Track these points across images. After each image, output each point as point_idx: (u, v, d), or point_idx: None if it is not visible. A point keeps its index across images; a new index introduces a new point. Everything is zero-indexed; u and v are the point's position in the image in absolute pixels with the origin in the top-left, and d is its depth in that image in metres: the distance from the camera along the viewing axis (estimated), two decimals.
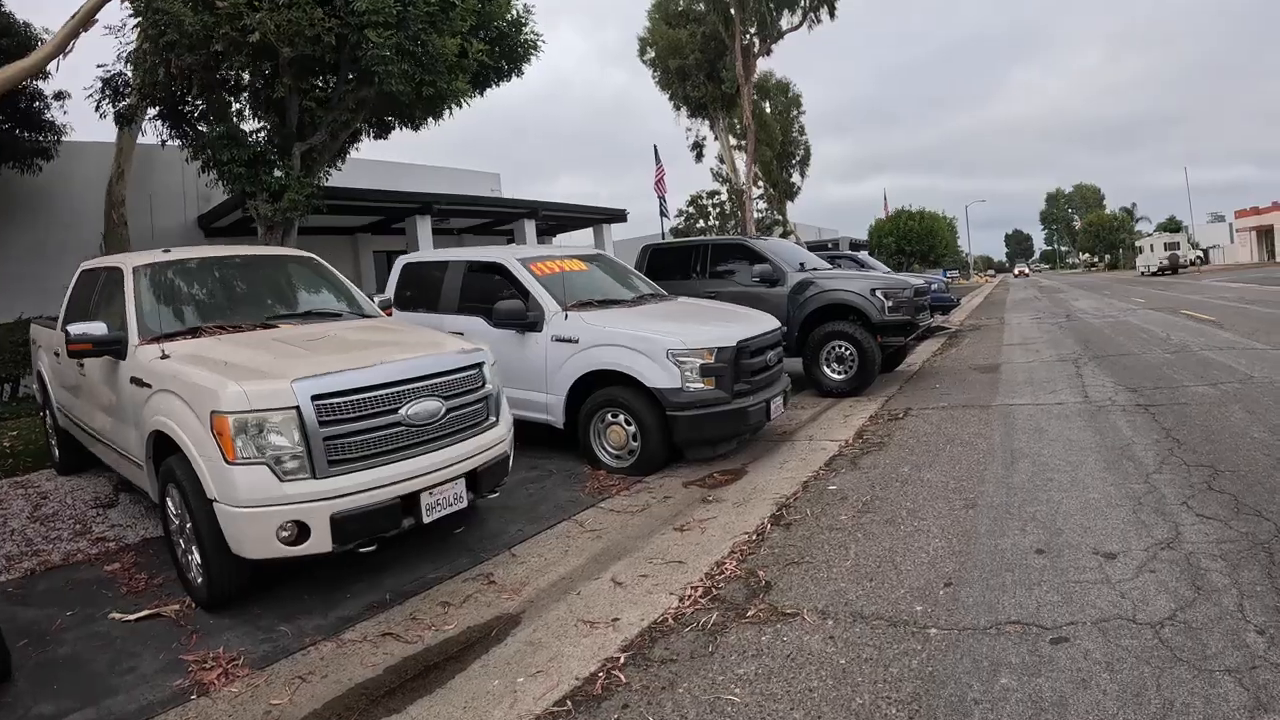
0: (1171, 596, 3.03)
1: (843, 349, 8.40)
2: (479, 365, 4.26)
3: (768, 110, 39.53)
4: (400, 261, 7.73)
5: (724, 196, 34.64)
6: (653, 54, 34.15)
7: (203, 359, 3.74)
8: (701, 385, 5.59)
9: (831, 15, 29.00)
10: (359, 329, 4.71)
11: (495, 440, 4.22)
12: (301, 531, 3.30)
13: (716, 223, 35.60)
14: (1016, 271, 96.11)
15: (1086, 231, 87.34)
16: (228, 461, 3.26)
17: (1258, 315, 13.76)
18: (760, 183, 39.06)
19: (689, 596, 3.42)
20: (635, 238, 25.79)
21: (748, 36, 30.15)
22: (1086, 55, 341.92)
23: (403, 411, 3.64)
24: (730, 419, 5.69)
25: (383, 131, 12.03)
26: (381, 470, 3.50)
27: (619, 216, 23.04)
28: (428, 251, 7.78)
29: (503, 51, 11.24)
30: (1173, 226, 72.76)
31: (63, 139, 12.88)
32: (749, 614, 3.21)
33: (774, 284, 8.87)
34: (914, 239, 37.96)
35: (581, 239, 24.81)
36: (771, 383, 6.25)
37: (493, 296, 6.38)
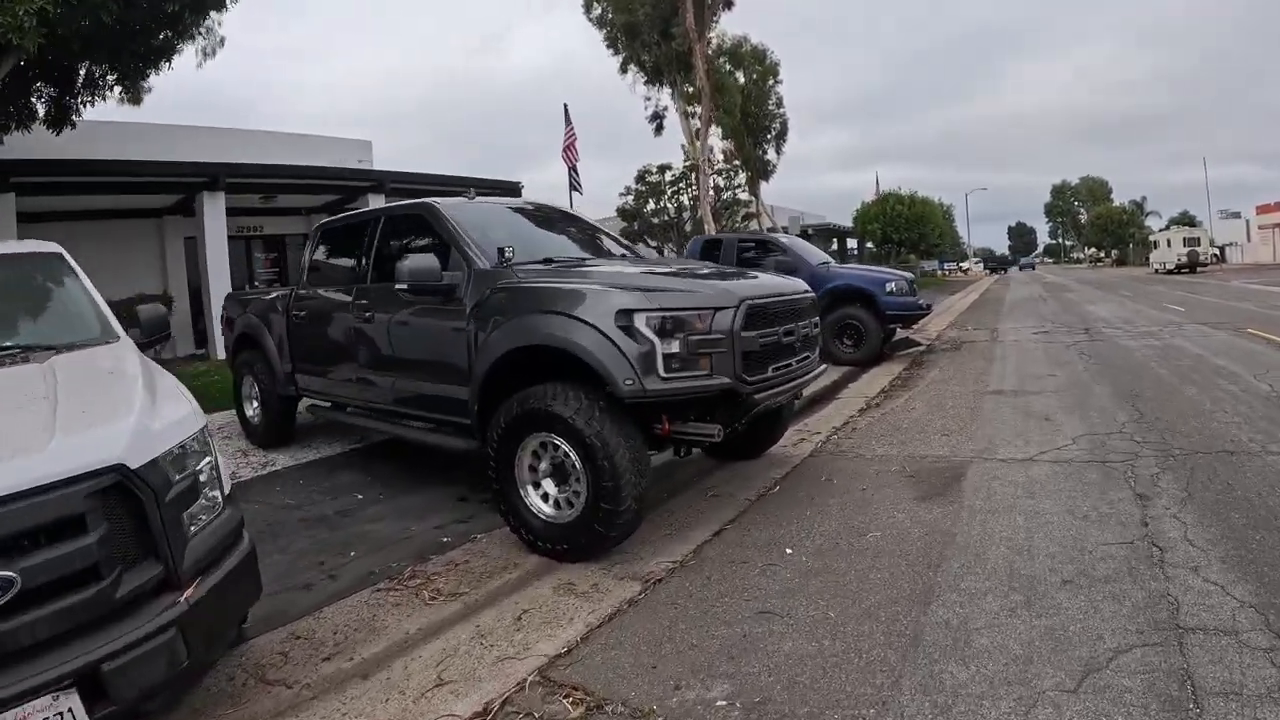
0: None
1: (559, 452, 3.43)
2: None
3: (740, 80, 34.15)
4: None
5: (676, 172, 29.39)
6: (599, 10, 28.98)
7: None
8: None
9: None
10: None
11: None
12: None
13: (671, 204, 30.45)
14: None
15: (1094, 225, 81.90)
16: None
17: None
18: (734, 160, 33.79)
19: None
20: None
21: None
22: (1096, 49, 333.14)
23: None
24: None
25: (130, 89, 9.92)
26: None
27: (511, 190, 18.08)
28: None
29: None
30: (1187, 221, 67.15)
31: None
32: None
33: (448, 296, 3.89)
34: (902, 226, 32.72)
35: None
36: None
37: None
